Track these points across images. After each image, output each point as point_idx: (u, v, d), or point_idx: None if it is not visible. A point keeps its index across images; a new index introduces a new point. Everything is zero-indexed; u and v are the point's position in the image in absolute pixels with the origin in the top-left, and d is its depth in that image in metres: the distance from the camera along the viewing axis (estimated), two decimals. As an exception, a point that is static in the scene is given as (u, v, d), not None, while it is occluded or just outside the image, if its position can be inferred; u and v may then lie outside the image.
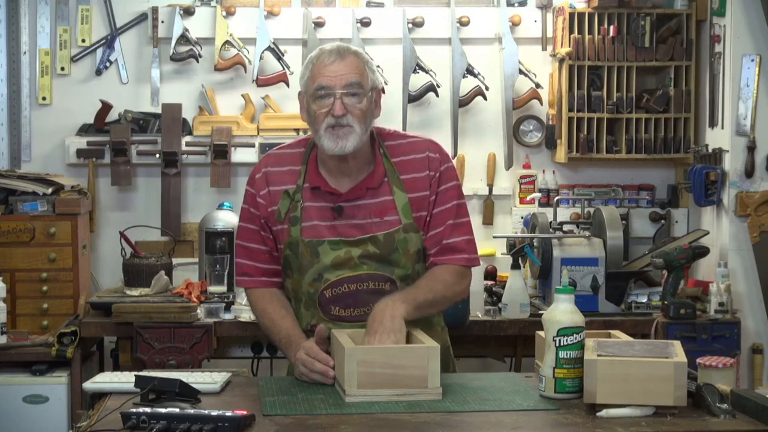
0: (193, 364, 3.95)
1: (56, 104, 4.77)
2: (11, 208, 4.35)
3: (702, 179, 4.45)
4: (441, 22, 4.80)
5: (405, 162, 2.78)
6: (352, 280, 2.72)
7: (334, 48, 2.73)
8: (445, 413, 2.31)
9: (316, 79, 2.70)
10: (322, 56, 2.72)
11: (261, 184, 2.80)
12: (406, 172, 2.77)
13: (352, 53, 2.72)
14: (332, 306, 2.73)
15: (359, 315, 2.72)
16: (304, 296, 2.76)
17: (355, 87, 2.68)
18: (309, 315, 2.77)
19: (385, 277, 2.73)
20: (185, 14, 4.72)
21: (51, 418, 4.02)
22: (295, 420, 2.27)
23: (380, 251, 2.72)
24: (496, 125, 4.84)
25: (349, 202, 2.74)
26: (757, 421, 2.26)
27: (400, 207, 2.74)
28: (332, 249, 2.72)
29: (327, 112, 2.67)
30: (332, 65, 2.69)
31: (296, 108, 4.69)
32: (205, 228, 4.38)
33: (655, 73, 4.79)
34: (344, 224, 2.73)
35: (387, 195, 2.75)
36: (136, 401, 2.35)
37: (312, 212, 2.74)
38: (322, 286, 2.73)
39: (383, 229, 2.73)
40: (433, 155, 2.80)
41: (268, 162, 2.83)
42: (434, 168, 2.78)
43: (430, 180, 2.77)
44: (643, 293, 4.25)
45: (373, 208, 2.74)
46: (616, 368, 2.30)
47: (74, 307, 4.27)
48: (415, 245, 2.75)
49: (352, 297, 2.72)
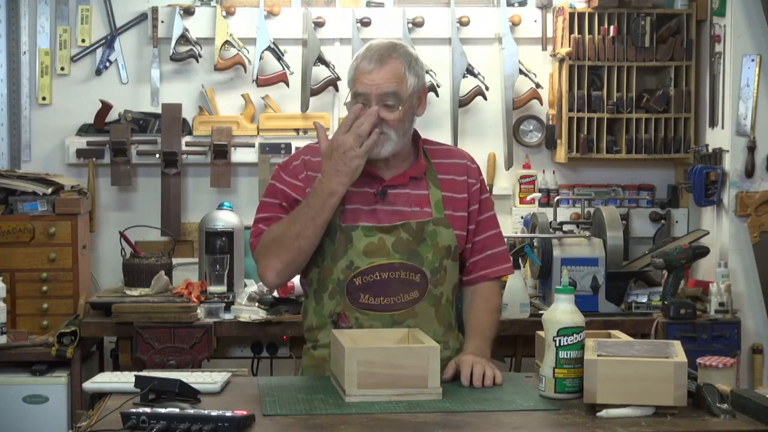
0: (193, 364, 3.95)
1: (56, 104, 4.77)
2: (11, 208, 4.35)
3: (702, 179, 4.45)
4: (441, 22, 4.80)
5: (444, 164, 2.83)
6: (384, 268, 2.72)
7: (376, 51, 2.70)
8: (445, 413, 2.31)
9: (355, 83, 2.70)
10: (364, 60, 2.70)
11: (299, 169, 2.79)
12: (443, 173, 2.81)
13: (394, 57, 2.70)
14: (361, 294, 2.72)
15: (388, 304, 2.72)
16: (332, 284, 2.74)
17: (390, 98, 2.68)
18: (333, 303, 2.75)
19: (416, 268, 2.73)
20: (185, 14, 4.72)
21: (51, 418, 4.02)
22: (295, 420, 2.27)
23: (412, 239, 2.72)
24: (496, 125, 4.84)
25: (392, 188, 2.76)
26: (757, 421, 2.26)
27: (433, 202, 2.77)
28: (365, 235, 2.72)
29: None
30: (371, 73, 2.67)
31: (296, 108, 4.78)
32: (205, 228, 4.37)
33: (655, 73, 4.79)
34: (385, 209, 2.74)
35: (425, 189, 2.78)
36: (136, 401, 2.35)
37: (353, 196, 2.74)
38: (352, 273, 2.72)
39: (418, 218, 2.75)
40: (472, 165, 2.87)
41: (307, 152, 2.83)
42: (474, 176, 2.84)
43: (468, 186, 2.82)
44: (643, 293, 4.25)
45: (414, 198, 2.77)
46: (616, 368, 2.30)
47: (74, 307, 4.27)
48: (444, 240, 2.76)
49: (383, 285, 2.72)
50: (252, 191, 4.76)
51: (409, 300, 2.73)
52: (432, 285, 2.75)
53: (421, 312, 2.74)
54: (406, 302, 2.73)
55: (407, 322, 2.71)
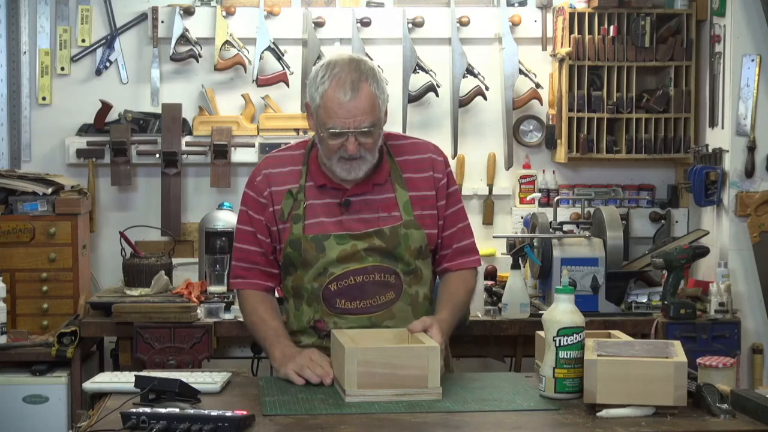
0: (193, 364, 3.95)
1: (56, 104, 4.77)
2: (11, 208, 4.35)
3: (702, 179, 4.45)
4: (441, 22, 4.80)
5: (408, 161, 2.81)
6: (358, 272, 2.73)
7: (347, 77, 2.63)
8: (445, 413, 2.32)
9: (329, 116, 2.63)
10: (337, 90, 2.62)
11: (262, 186, 2.80)
12: (408, 171, 2.79)
13: (365, 82, 2.63)
14: (337, 299, 2.74)
15: (365, 307, 2.73)
16: (307, 292, 2.76)
17: (369, 126, 2.65)
18: (311, 311, 2.77)
19: (390, 270, 2.74)
20: (185, 14, 4.72)
21: (51, 418, 4.02)
22: (295, 420, 2.27)
23: (386, 245, 2.73)
24: (496, 125, 4.84)
25: (356, 197, 2.75)
26: (757, 421, 2.26)
27: (401, 204, 2.76)
28: (338, 243, 2.72)
29: (340, 146, 2.66)
30: (347, 104, 2.61)
31: (296, 108, 4.78)
32: (205, 228, 4.38)
33: (655, 73, 4.79)
34: (351, 219, 2.74)
35: (390, 192, 2.77)
36: (136, 401, 2.35)
37: (317, 209, 2.75)
38: (327, 280, 2.73)
39: (389, 223, 2.75)
40: (438, 158, 2.83)
41: (268, 164, 2.83)
42: (440, 170, 2.81)
43: (434, 181, 2.80)
44: (643, 293, 4.25)
45: (380, 203, 2.76)
46: (616, 368, 2.30)
47: (74, 307, 4.27)
48: (416, 241, 2.76)
49: (358, 289, 2.73)
50: (252, 191, 4.76)
51: (386, 301, 2.74)
52: (407, 285, 2.76)
53: (399, 312, 2.75)
54: (383, 304, 2.74)
55: (385, 323, 2.73)
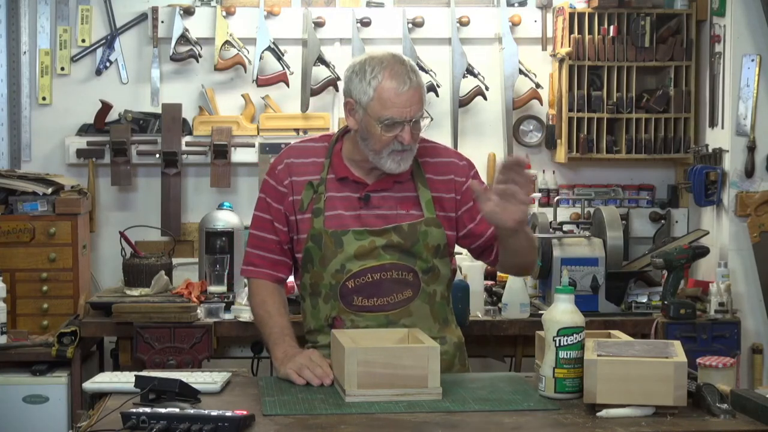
0: (193, 364, 3.95)
1: (56, 104, 4.77)
2: (11, 208, 4.35)
3: (702, 179, 4.45)
4: (441, 22, 4.80)
5: (428, 163, 2.81)
6: (375, 269, 2.72)
7: (401, 70, 2.65)
8: (445, 413, 2.31)
9: (386, 107, 2.64)
10: (392, 81, 2.64)
11: (283, 175, 2.79)
12: (428, 172, 2.80)
13: (414, 73, 2.67)
14: (355, 296, 2.73)
15: (382, 305, 2.73)
16: (325, 289, 2.75)
17: (420, 116, 2.68)
18: (329, 308, 2.76)
19: (407, 267, 2.74)
20: (185, 14, 4.72)
21: (51, 418, 4.02)
22: (295, 420, 2.27)
23: (404, 241, 2.73)
24: (496, 125, 4.84)
25: (376, 192, 2.75)
26: (757, 421, 2.26)
27: (423, 202, 2.76)
28: (356, 239, 2.72)
29: (393, 138, 2.66)
30: (404, 94, 2.64)
31: (296, 108, 4.78)
32: (205, 228, 4.38)
33: (655, 73, 4.79)
34: (370, 214, 2.74)
35: (412, 191, 2.77)
36: (136, 401, 2.35)
37: (336, 202, 2.75)
38: (344, 277, 2.73)
39: (408, 220, 2.74)
40: (460, 162, 2.84)
41: (291, 154, 2.83)
42: (462, 174, 2.81)
43: (455, 185, 2.80)
44: (643, 293, 4.25)
45: (399, 200, 2.76)
46: (616, 368, 2.30)
47: (74, 307, 4.27)
48: (435, 239, 2.75)
49: (376, 287, 2.73)
50: (252, 191, 4.76)
51: (403, 299, 2.74)
52: (425, 283, 2.76)
53: (416, 310, 2.75)
54: (400, 301, 2.74)
55: (402, 321, 2.73)
